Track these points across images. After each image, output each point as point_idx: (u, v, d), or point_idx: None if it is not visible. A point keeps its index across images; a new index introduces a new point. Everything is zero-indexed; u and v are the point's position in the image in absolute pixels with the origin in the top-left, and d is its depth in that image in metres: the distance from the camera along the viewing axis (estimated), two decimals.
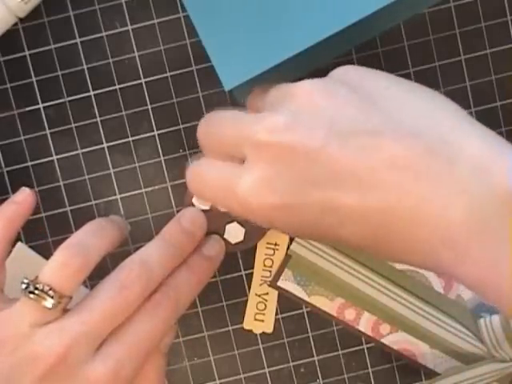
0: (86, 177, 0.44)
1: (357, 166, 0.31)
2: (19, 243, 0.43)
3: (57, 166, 0.44)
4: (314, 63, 0.43)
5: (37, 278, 0.35)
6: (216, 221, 0.42)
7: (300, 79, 0.42)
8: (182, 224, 0.39)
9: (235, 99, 0.43)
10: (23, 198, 0.39)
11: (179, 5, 0.43)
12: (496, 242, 0.29)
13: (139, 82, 0.44)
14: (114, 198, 0.44)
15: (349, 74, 0.34)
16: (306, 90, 0.33)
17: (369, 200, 0.31)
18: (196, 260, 0.39)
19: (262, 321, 0.45)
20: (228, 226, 0.42)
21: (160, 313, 0.37)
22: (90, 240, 0.37)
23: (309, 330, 0.45)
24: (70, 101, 0.44)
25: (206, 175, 0.36)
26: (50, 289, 0.35)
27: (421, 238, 0.31)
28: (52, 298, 0.35)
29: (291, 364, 0.45)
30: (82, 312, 0.35)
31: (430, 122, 0.31)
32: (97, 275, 0.37)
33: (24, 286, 0.35)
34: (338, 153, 0.31)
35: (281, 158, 0.32)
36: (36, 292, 0.35)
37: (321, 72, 0.43)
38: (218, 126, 0.36)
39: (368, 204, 0.31)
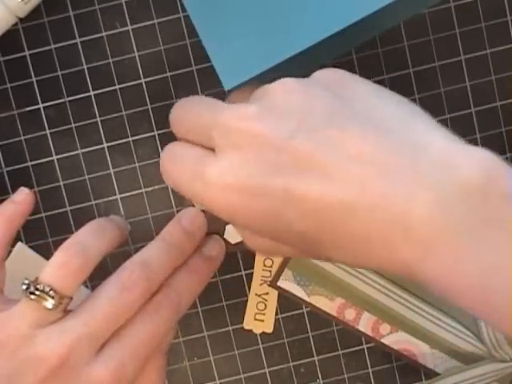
0: (86, 177, 0.44)
1: (321, 158, 0.31)
2: (19, 243, 0.43)
3: (57, 166, 0.44)
4: (313, 63, 0.43)
5: (37, 279, 0.35)
6: (216, 221, 0.42)
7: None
8: (182, 224, 0.39)
9: None
10: (22, 198, 0.39)
11: (179, 5, 0.43)
12: (463, 236, 0.29)
13: (139, 81, 0.44)
14: (114, 198, 0.44)
15: (328, 75, 0.34)
16: (283, 87, 0.33)
17: (330, 192, 0.31)
18: (197, 260, 0.39)
19: (262, 321, 0.45)
20: (228, 226, 0.42)
21: (162, 314, 0.37)
22: (90, 240, 0.37)
23: (309, 330, 0.45)
24: (70, 101, 0.44)
25: (176, 158, 0.36)
26: (51, 289, 0.35)
27: (382, 235, 0.30)
28: (52, 298, 0.35)
29: (291, 364, 0.45)
30: (84, 313, 0.35)
31: (398, 122, 0.32)
32: (97, 275, 0.37)
33: (25, 286, 0.35)
34: (304, 144, 0.31)
35: (248, 144, 0.32)
36: (37, 293, 0.35)
37: None
38: (191, 111, 0.36)
39: (329, 196, 0.31)
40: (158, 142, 0.44)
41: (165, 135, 0.44)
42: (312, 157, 0.31)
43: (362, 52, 0.43)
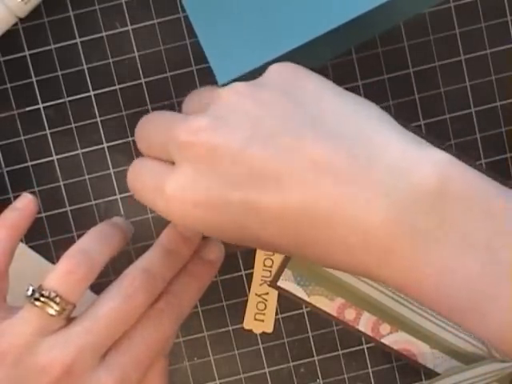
0: (86, 177, 0.44)
1: (276, 167, 0.31)
2: (19, 244, 0.43)
3: (57, 166, 0.44)
4: (311, 62, 0.43)
5: (41, 286, 0.35)
6: None
7: None
8: (178, 229, 0.39)
9: None
10: (25, 205, 0.39)
11: (179, 5, 0.43)
12: (418, 240, 0.29)
13: (139, 81, 0.44)
14: (113, 198, 0.44)
15: (281, 73, 0.34)
16: (233, 92, 0.33)
17: (287, 201, 0.31)
18: (196, 265, 0.39)
19: (262, 321, 0.45)
20: None
21: (163, 320, 0.37)
22: (94, 247, 0.37)
23: (309, 330, 0.45)
24: (70, 101, 0.44)
25: (138, 174, 0.36)
26: (56, 295, 0.35)
27: (339, 241, 0.31)
28: (58, 304, 0.35)
29: (291, 364, 0.45)
30: (87, 321, 0.35)
31: (353, 127, 0.32)
32: (97, 276, 0.37)
33: (29, 292, 0.35)
34: (258, 154, 0.31)
35: (203, 157, 0.32)
36: (42, 299, 0.35)
37: (319, 71, 0.43)
38: (151, 126, 0.36)
39: (287, 205, 0.31)
40: None
41: None
42: (267, 166, 0.31)
43: (362, 52, 0.43)
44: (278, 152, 0.31)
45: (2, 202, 0.44)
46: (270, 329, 0.45)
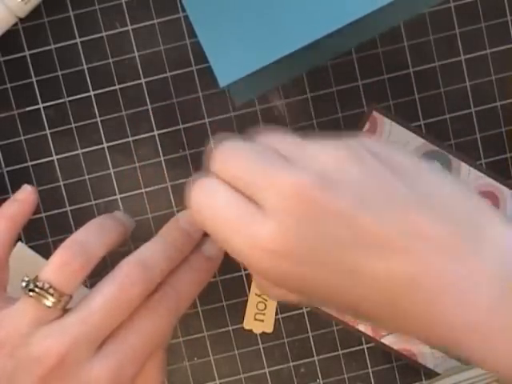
0: (86, 177, 0.44)
1: (385, 234, 0.31)
2: (19, 243, 0.43)
3: (57, 166, 0.44)
4: (312, 62, 0.43)
5: (37, 277, 0.35)
6: None
7: (298, 78, 0.42)
8: (180, 224, 0.39)
9: (234, 100, 0.43)
10: (25, 196, 0.39)
11: (179, 5, 0.43)
12: None
13: (139, 81, 0.44)
14: (113, 197, 0.44)
15: (372, 145, 0.34)
16: (333, 152, 0.33)
17: (394, 269, 0.31)
18: (196, 260, 0.39)
19: (262, 321, 0.45)
20: None
21: (161, 312, 0.37)
22: (91, 239, 0.37)
23: (309, 330, 0.45)
24: (70, 101, 0.44)
25: (216, 201, 0.34)
26: (50, 287, 0.35)
27: (441, 316, 0.31)
28: (52, 295, 0.35)
29: (291, 364, 0.45)
30: (82, 312, 0.35)
31: (459, 206, 0.32)
32: (96, 274, 0.37)
33: (24, 283, 0.35)
34: (367, 220, 0.31)
35: (306, 214, 0.32)
36: (36, 290, 0.35)
37: (319, 71, 0.43)
38: (242, 157, 0.35)
39: (393, 273, 0.31)
40: (158, 141, 0.44)
41: (165, 135, 0.44)
42: (374, 232, 0.31)
43: (362, 52, 0.43)
44: (386, 220, 0.31)
45: (2, 202, 0.44)
46: (270, 329, 0.45)
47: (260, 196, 0.33)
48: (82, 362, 0.35)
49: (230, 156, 0.35)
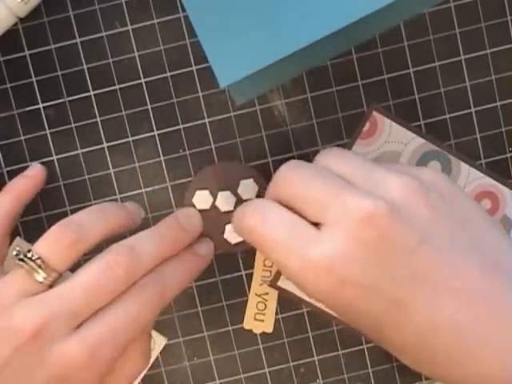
0: (86, 177, 0.44)
1: (439, 278, 0.32)
2: (17, 238, 0.43)
3: (57, 166, 0.44)
4: (312, 62, 0.43)
5: (30, 249, 0.36)
6: (216, 221, 0.42)
7: (298, 78, 0.42)
8: (178, 220, 0.39)
9: (234, 100, 0.43)
10: (33, 173, 0.41)
11: (179, 5, 0.43)
12: None
13: (139, 81, 0.44)
14: (114, 198, 0.44)
15: (442, 184, 0.35)
16: (403, 185, 0.33)
17: (439, 313, 0.31)
18: (186, 254, 0.39)
19: (262, 321, 0.45)
20: (228, 226, 0.42)
21: (144, 296, 0.37)
22: (89, 220, 0.37)
23: (309, 330, 0.45)
24: (69, 101, 0.44)
25: (270, 221, 0.34)
26: (39, 258, 0.35)
27: (478, 370, 0.31)
28: (41, 268, 0.35)
29: (291, 364, 0.45)
30: (64, 288, 0.36)
31: (504, 253, 0.33)
32: None
33: (15, 252, 0.36)
34: (427, 260, 0.32)
35: (373, 242, 0.32)
36: (25, 260, 0.35)
37: (319, 71, 0.43)
38: (308, 180, 0.35)
39: (437, 316, 0.31)
40: (158, 141, 0.44)
41: (165, 135, 0.44)
42: (431, 275, 0.32)
43: (362, 52, 0.43)
44: (442, 264, 0.32)
45: None
46: (269, 329, 0.45)
47: (323, 215, 0.33)
48: (57, 338, 0.35)
49: (293, 174, 0.35)
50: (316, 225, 0.34)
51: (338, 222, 0.32)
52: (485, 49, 0.44)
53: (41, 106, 0.44)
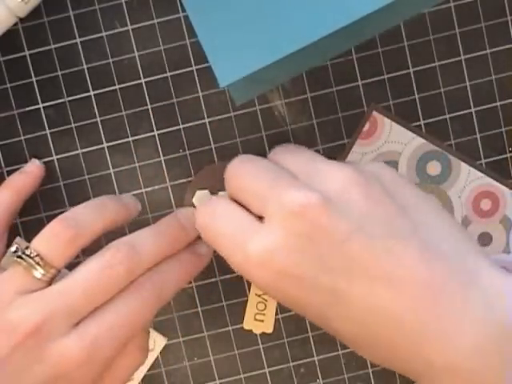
0: (86, 177, 0.44)
1: (376, 267, 0.32)
2: (18, 238, 0.43)
3: (57, 166, 0.44)
4: (312, 62, 0.43)
5: (27, 246, 0.36)
6: None
7: (298, 78, 0.42)
8: (178, 219, 0.39)
9: (234, 100, 0.43)
10: (32, 169, 0.42)
11: (179, 5, 0.43)
12: (501, 378, 0.30)
13: (139, 81, 0.43)
14: None
15: (385, 175, 0.35)
16: (342, 176, 0.34)
17: (377, 301, 0.31)
18: (185, 253, 0.39)
19: (262, 321, 0.45)
20: None
21: (143, 295, 0.37)
22: (86, 215, 0.37)
23: (309, 330, 0.45)
24: (69, 101, 0.44)
25: (218, 216, 0.36)
26: (38, 255, 0.35)
27: (421, 356, 0.31)
28: (39, 265, 0.35)
29: (291, 364, 0.45)
30: (64, 285, 0.36)
31: (453, 247, 0.33)
32: None
33: (13, 249, 0.36)
34: (362, 248, 0.32)
35: (304, 232, 0.32)
36: (23, 256, 0.35)
37: (319, 71, 0.43)
38: (254, 172, 0.36)
39: (375, 303, 0.31)
40: (158, 141, 0.44)
41: (165, 135, 0.44)
42: (366, 262, 0.32)
43: (362, 52, 0.43)
44: (379, 252, 0.32)
45: None
46: (269, 329, 0.45)
47: (264, 209, 0.34)
48: (56, 335, 0.35)
49: (239, 169, 0.36)
50: (262, 218, 0.34)
51: (275, 215, 0.33)
52: (485, 49, 0.44)
53: (41, 106, 0.44)
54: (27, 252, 0.36)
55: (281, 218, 0.33)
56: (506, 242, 0.44)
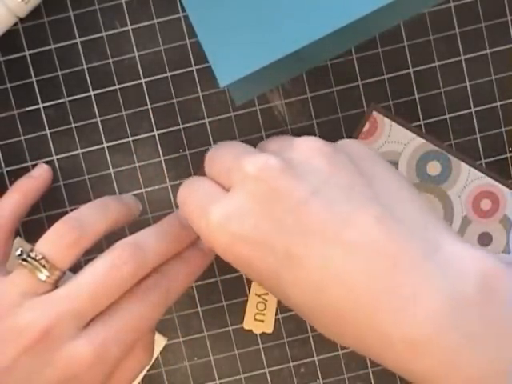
0: (86, 177, 0.44)
1: (332, 232, 0.31)
2: (18, 238, 0.43)
3: (57, 165, 0.44)
4: (312, 62, 0.43)
5: (32, 248, 0.36)
6: None
7: (298, 78, 0.42)
8: (179, 219, 0.40)
9: (234, 100, 0.44)
10: (40, 173, 0.42)
11: (179, 5, 0.43)
12: (464, 343, 0.29)
13: (139, 81, 0.44)
14: None
15: (353, 147, 0.35)
16: (308, 145, 0.34)
17: (330, 264, 0.31)
18: (191, 251, 0.39)
19: (262, 321, 0.45)
20: None
21: (150, 298, 0.37)
22: (90, 216, 0.37)
23: (309, 330, 0.45)
24: (69, 101, 0.44)
25: (192, 190, 0.36)
26: (43, 258, 0.35)
27: (379, 328, 0.30)
28: (45, 268, 0.35)
29: (291, 364, 0.45)
30: (70, 288, 0.36)
31: (414, 216, 0.32)
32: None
33: (18, 252, 0.36)
34: (316, 211, 0.31)
35: (261, 194, 0.32)
36: (28, 259, 0.35)
37: (319, 71, 0.43)
38: (224, 151, 0.36)
39: (327, 269, 0.31)
40: (158, 141, 0.44)
41: (165, 135, 0.44)
42: (321, 226, 0.31)
43: (362, 52, 0.43)
44: (336, 217, 0.31)
45: None
46: (269, 329, 0.45)
47: (230, 180, 0.34)
48: (65, 338, 0.35)
49: (214, 152, 0.37)
50: None
51: (236, 182, 0.33)
52: (485, 49, 0.44)
53: (41, 106, 0.44)
54: (32, 255, 0.36)
55: (240, 183, 0.33)
56: (506, 242, 0.44)
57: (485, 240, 0.44)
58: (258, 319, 0.45)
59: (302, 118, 0.44)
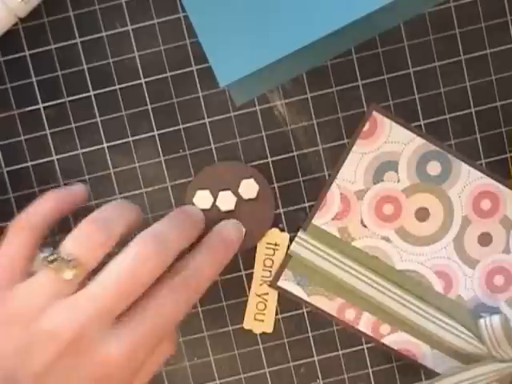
0: (86, 177, 0.44)
1: None
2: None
3: (57, 165, 0.44)
4: (312, 62, 0.43)
5: (58, 249, 0.36)
6: (217, 221, 0.42)
7: (298, 78, 0.42)
8: (184, 211, 0.40)
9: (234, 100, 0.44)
10: (77, 188, 0.41)
11: (179, 5, 0.43)
12: None
13: (139, 81, 0.44)
14: (114, 198, 0.44)
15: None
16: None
17: None
18: (215, 242, 0.39)
19: (262, 321, 0.45)
20: None
21: (179, 297, 0.37)
22: (113, 216, 0.37)
23: (309, 330, 0.45)
24: (70, 101, 0.44)
25: None
26: (72, 259, 0.35)
27: None
28: (72, 268, 0.35)
29: (291, 364, 0.45)
30: (97, 288, 0.35)
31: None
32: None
33: (46, 254, 0.36)
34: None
35: None
36: (58, 261, 0.35)
37: (319, 71, 0.43)
38: None
39: None
40: (158, 141, 0.44)
41: (165, 135, 0.44)
42: None
43: (362, 52, 0.43)
44: None
45: (2, 201, 0.44)
46: (269, 329, 0.45)
47: None
48: (96, 339, 0.35)
49: None
50: None
51: None
52: (485, 49, 0.44)
53: (41, 106, 0.44)
54: (61, 255, 0.35)
55: None
56: (506, 242, 0.44)
57: (485, 240, 0.44)
58: (258, 319, 0.45)
59: (301, 118, 0.44)
